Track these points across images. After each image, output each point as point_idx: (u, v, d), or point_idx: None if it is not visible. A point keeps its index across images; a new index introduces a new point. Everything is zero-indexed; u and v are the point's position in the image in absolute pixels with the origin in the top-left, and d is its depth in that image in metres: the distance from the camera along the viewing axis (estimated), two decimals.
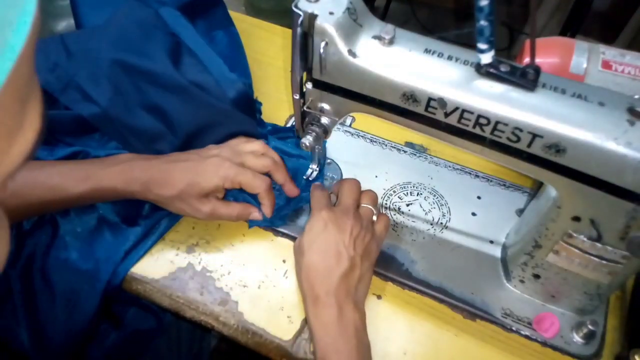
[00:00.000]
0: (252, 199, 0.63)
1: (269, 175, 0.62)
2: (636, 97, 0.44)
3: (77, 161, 0.61)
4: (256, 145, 0.63)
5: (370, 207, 0.60)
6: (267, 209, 0.62)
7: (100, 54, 0.66)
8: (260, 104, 0.76)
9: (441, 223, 0.66)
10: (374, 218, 0.60)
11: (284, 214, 0.65)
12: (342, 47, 0.48)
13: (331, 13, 0.47)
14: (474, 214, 0.67)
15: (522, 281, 0.59)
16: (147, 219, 0.63)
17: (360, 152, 0.73)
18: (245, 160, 0.61)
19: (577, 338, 0.57)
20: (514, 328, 0.58)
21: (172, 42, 0.68)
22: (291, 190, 0.64)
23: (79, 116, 0.64)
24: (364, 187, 0.64)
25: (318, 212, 0.57)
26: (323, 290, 0.52)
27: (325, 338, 0.50)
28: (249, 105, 0.68)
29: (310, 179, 0.68)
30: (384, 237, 0.60)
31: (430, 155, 0.74)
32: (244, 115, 0.66)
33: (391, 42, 0.48)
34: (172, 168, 0.58)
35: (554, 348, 0.57)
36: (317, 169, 0.68)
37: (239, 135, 0.66)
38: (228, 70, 0.68)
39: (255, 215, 0.62)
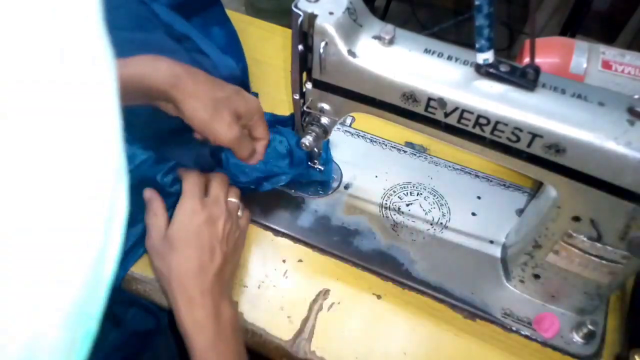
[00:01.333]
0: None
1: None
2: (636, 97, 0.44)
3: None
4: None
5: (237, 201, 0.59)
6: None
7: None
8: (256, 94, 0.76)
9: (441, 223, 0.66)
10: (239, 213, 0.59)
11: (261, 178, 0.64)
12: (342, 47, 0.48)
13: (331, 13, 0.47)
14: (474, 214, 0.67)
15: (522, 281, 0.59)
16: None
17: (360, 152, 0.73)
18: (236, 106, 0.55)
19: (577, 338, 0.57)
20: (514, 328, 0.58)
21: (167, 30, 0.68)
22: (254, 156, 0.59)
23: None
24: (364, 187, 0.64)
25: (190, 200, 0.54)
26: (198, 290, 0.49)
27: (202, 340, 0.48)
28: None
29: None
30: (246, 230, 0.60)
31: (430, 155, 0.74)
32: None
33: (391, 42, 0.48)
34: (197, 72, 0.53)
35: (554, 348, 0.57)
36: (320, 168, 0.67)
37: None
38: (222, 54, 0.68)
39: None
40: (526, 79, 0.44)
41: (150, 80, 0.50)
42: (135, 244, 0.61)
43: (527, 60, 0.43)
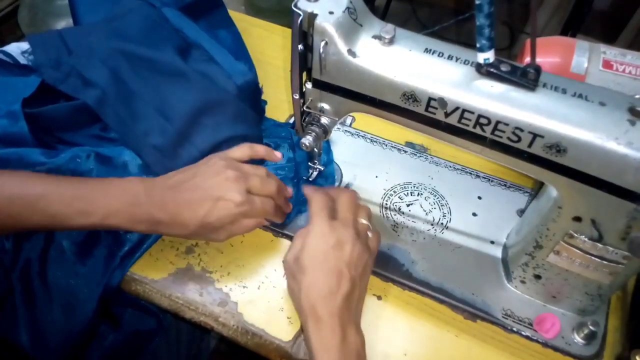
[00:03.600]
0: None
1: None
2: (637, 96, 0.44)
3: (81, 183, 0.56)
4: (261, 170, 0.61)
5: (367, 222, 0.58)
6: (278, 220, 0.62)
7: (101, 44, 0.66)
8: (265, 102, 0.76)
9: (442, 223, 0.66)
10: (369, 234, 0.58)
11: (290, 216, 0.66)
12: (342, 47, 0.48)
13: (331, 12, 0.47)
14: (474, 214, 0.67)
15: (523, 282, 0.59)
16: None
17: (360, 152, 0.73)
18: (251, 185, 0.57)
19: (578, 339, 0.56)
20: (514, 329, 0.58)
21: (177, 37, 0.68)
22: (286, 210, 0.64)
23: (78, 105, 0.63)
24: (364, 187, 0.64)
25: (319, 223, 0.54)
26: (326, 312, 0.49)
27: None
28: (254, 95, 0.69)
29: (310, 179, 0.68)
30: (376, 253, 0.58)
31: (430, 155, 0.73)
32: (243, 105, 0.66)
33: (391, 41, 0.47)
34: (179, 208, 0.55)
35: (555, 349, 0.56)
36: (317, 169, 0.67)
37: (237, 135, 0.64)
38: (234, 60, 0.68)
39: (262, 220, 0.61)
40: (527, 78, 0.43)
41: (130, 229, 0.56)
42: (134, 247, 0.61)
43: (528, 59, 0.43)
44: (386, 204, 0.68)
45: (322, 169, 0.67)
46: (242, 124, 0.66)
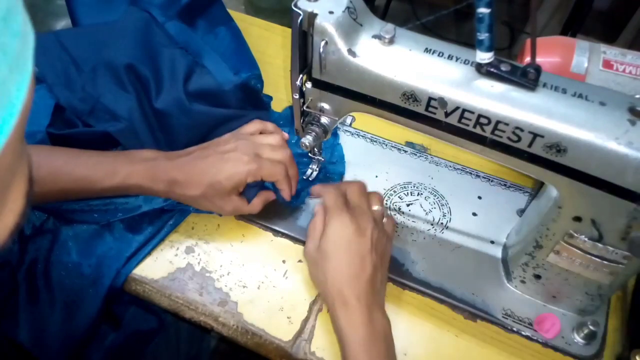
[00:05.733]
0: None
1: None
2: (637, 96, 0.44)
3: (102, 153, 0.61)
4: (272, 138, 0.62)
5: (381, 208, 0.60)
6: (286, 194, 0.62)
7: (120, 74, 0.66)
8: (271, 97, 0.75)
9: (442, 223, 0.66)
10: (384, 220, 0.60)
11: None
12: (342, 47, 0.48)
13: (331, 12, 0.47)
14: (474, 214, 0.67)
15: (523, 281, 0.59)
16: (151, 225, 0.63)
17: (360, 152, 0.73)
18: (262, 152, 0.60)
19: (578, 339, 0.56)
20: (514, 329, 0.58)
21: (183, 59, 0.68)
22: (287, 193, 0.63)
23: (101, 133, 0.64)
24: None
25: (338, 214, 0.55)
26: (353, 295, 0.51)
27: (356, 342, 0.50)
28: (257, 100, 0.69)
29: (310, 179, 0.68)
30: (392, 238, 0.60)
31: (430, 155, 0.73)
32: (253, 114, 0.67)
33: (391, 41, 0.47)
34: (193, 167, 0.58)
35: (555, 349, 0.56)
36: (317, 168, 0.67)
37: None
38: (232, 73, 0.69)
39: (270, 195, 0.63)
40: (527, 78, 0.43)
41: (148, 190, 0.59)
42: (138, 249, 0.61)
43: (528, 59, 0.43)
44: (386, 203, 0.68)
45: (323, 159, 0.66)
46: None
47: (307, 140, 0.57)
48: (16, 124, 0.20)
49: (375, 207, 0.59)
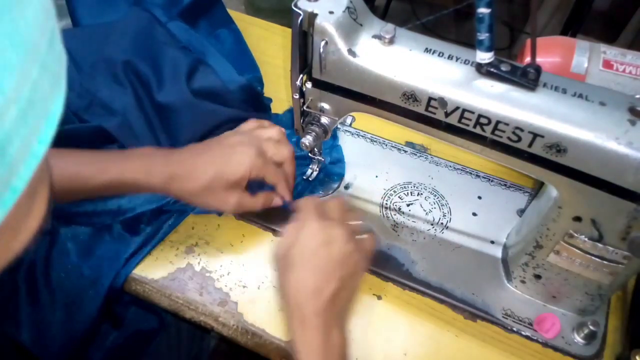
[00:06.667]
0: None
1: None
2: (637, 96, 0.44)
3: (96, 151, 0.58)
4: (274, 131, 0.61)
5: (357, 223, 0.57)
6: (286, 196, 0.62)
7: (117, 70, 0.66)
8: (270, 100, 0.75)
9: (442, 223, 0.66)
10: (364, 236, 0.57)
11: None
12: (342, 47, 0.48)
13: (331, 12, 0.47)
14: (474, 214, 0.67)
15: (523, 281, 0.59)
16: (149, 226, 0.63)
17: (360, 152, 0.73)
18: (265, 147, 0.59)
19: (578, 339, 0.56)
20: (514, 329, 0.58)
21: (186, 58, 0.68)
22: (285, 192, 0.62)
23: (97, 128, 0.64)
24: (364, 187, 0.64)
25: (309, 224, 0.53)
26: (311, 311, 0.49)
27: (309, 359, 0.48)
28: (258, 102, 0.69)
29: (310, 179, 0.68)
30: (369, 257, 0.56)
31: (430, 155, 0.73)
32: (254, 116, 0.67)
33: (391, 41, 0.47)
34: (195, 160, 0.56)
35: (555, 349, 0.56)
36: (317, 169, 0.67)
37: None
38: (236, 73, 0.69)
39: (277, 201, 0.62)
40: (527, 78, 0.43)
41: (144, 185, 0.56)
42: (137, 250, 0.61)
43: (528, 59, 0.43)
44: (386, 203, 0.68)
45: (322, 159, 0.66)
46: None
47: (307, 140, 0.57)
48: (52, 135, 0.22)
49: (352, 222, 0.56)
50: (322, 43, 0.48)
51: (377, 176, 0.71)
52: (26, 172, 0.20)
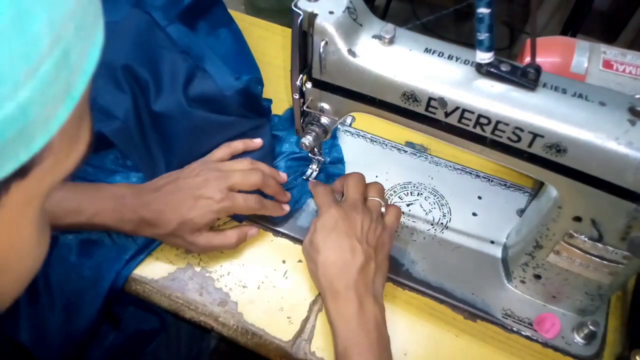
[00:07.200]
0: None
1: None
2: (637, 96, 0.44)
3: (71, 186, 0.58)
4: (242, 163, 0.62)
5: (377, 199, 0.60)
6: (276, 212, 0.63)
7: (117, 75, 0.66)
8: (270, 101, 0.75)
9: (442, 223, 0.66)
10: (382, 210, 0.60)
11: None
12: (342, 47, 0.48)
13: (331, 12, 0.47)
14: (474, 214, 0.67)
15: (523, 281, 0.59)
16: None
17: (360, 152, 0.73)
18: (234, 182, 0.59)
19: (578, 339, 0.56)
20: (514, 329, 0.58)
21: (184, 63, 0.68)
22: (282, 199, 0.64)
23: (95, 133, 0.64)
24: None
25: (327, 209, 0.57)
26: (342, 285, 0.52)
27: (346, 331, 0.50)
28: (257, 105, 0.69)
29: (310, 179, 0.68)
30: (394, 227, 0.60)
31: (430, 155, 0.73)
32: (253, 121, 0.68)
33: (391, 41, 0.47)
34: (162, 207, 0.57)
35: (555, 349, 0.56)
36: (317, 169, 0.67)
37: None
38: (234, 78, 0.69)
39: (253, 232, 0.62)
40: (527, 78, 0.43)
41: (115, 229, 0.58)
42: (139, 250, 0.61)
43: (528, 59, 0.43)
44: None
45: (323, 159, 0.66)
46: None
47: (307, 140, 0.57)
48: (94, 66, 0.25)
49: (372, 198, 0.60)
50: (322, 43, 0.48)
51: (377, 176, 0.71)
52: (81, 84, 0.23)
